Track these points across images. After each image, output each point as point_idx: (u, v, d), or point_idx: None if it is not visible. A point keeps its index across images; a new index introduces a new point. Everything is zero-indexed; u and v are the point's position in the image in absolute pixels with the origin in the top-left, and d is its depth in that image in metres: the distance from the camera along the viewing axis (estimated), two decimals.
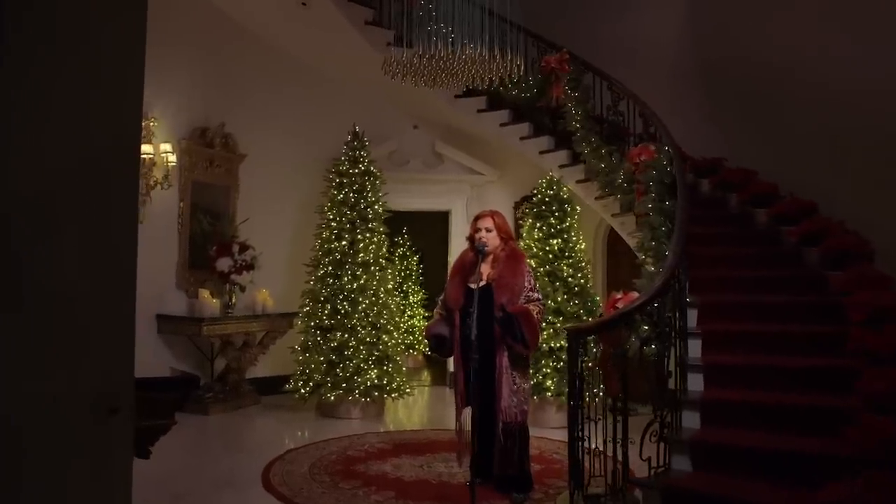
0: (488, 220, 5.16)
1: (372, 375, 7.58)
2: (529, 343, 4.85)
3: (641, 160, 5.92)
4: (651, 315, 4.29)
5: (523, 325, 4.76)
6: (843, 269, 5.52)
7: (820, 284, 5.75)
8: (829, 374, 4.77)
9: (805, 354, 5.10)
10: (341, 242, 7.79)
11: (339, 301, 7.68)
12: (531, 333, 4.81)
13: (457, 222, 9.77)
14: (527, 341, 4.82)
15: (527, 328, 4.77)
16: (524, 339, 4.79)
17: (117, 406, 2.06)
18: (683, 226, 5.01)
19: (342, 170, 7.97)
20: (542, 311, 5.04)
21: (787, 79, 7.24)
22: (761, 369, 4.99)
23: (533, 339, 4.86)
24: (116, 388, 2.08)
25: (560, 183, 7.60)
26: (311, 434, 7.07)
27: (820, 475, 4.05)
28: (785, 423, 4.51)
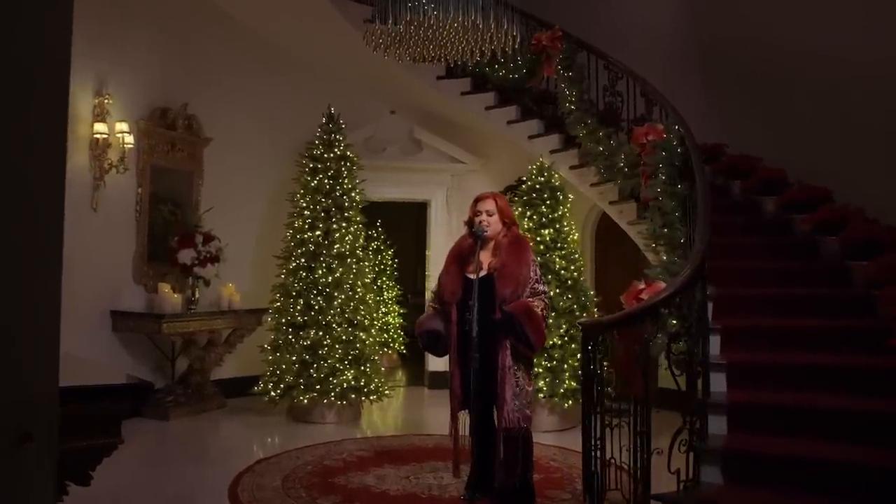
0: (490, 202, 4.56)
1: (348, 376, 6.93)
2: (534, 343, 4.25)
3: (649, 140, 5.37)
4: (679, 308, 3.73)
5: (526, 324, 4.16)
6: (870, 260, 5.04)
7: (842, 276, 5.26)
8: (868, 375, 4.26)
9: (834, 352, 4.60)
10: (315, 233, 7.12)
11: (313, 296, 7.01)
12: (535, 332, 4.21)
13: (436, 213, 9.16)
14: (531, 342, 4.22)
15: (530, 327, 4.18)
16: (528, 339, 4.20)
17: (29, 432, 1.42)
18: (707, 207, 4.46)
19: (316, 154, 7.30)
20: (548, 306, 4.45)
21: (795, 59, 6.75)
22: (788, 368, 4.47)
23: (538, 338, 4.26)
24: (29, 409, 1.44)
25: (551, 169, 7.03)
26: (283, 441, 6.39)
27: (871, 489, 3.54)
28: (824, 429, 3.99)
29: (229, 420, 7.14)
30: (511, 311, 4.19)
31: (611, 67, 6.56)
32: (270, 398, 6.92)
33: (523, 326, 4.17)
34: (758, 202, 6.33)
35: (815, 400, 4.20)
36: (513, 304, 4.24)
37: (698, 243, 4.08)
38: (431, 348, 4.64)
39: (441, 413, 7.82)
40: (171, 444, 6.26)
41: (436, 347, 4.59)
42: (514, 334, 4.14)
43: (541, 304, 4.34)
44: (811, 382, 4.34)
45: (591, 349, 3.88)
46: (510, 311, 4.19)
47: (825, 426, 4.01)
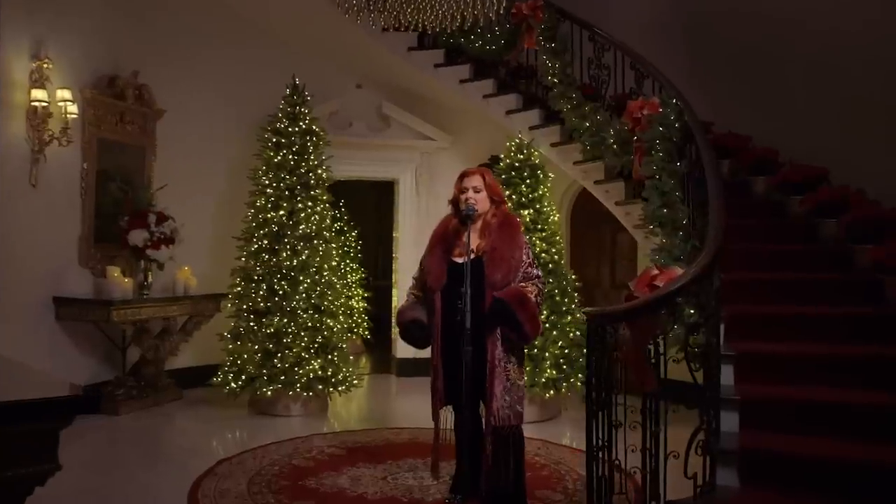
0: (477, 177, 4.09)
1: (315, 366, 6.42)
2: (528, 333, 3.81)
3: (644, 115, 4.95)
4: (698, 296, 3.32)
5: (518, 312, 3.72)
6: (876, 244, 4.72)
7: (844, 260, 4.94)
8: (886, 365, 3.93)
9: (845, 340, 4.27)
10: (278, 212, 6.57)
11: (276, 280, 6.47)
12: (530, 321, 3.77)
13: (405, 193, 8.66)
14: (525, 331, 3.78)
15: (523, 315, 3.73)
16: (521, 328, 3.76)
17: None
18: (720, 185, 4.07)
19: (280, 128, 6.73)
20: (542, 292, 4.01)
21: (786, 32, 6.40)
22: (798, 359, 4.11)
23: (532, 327, 3.82)
24: None
25: (531, 146, 6.59)
26: (246, 437, 5.87)
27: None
28: (845, 426, 3.65)
29: (186, 414, 6.58)
30: (502, 297, 3.75)
31: (596, 39, 6.12)
32: (231, 390, 6.38)
33: (516, 315, 3.73)
34: (748, 182, 5.98)
35: (832, 394, 3.85)
36: (504, 291, 3.80)
37: (714, 224, 3.68)
38: (414, 340, 4.17)
39: (412, 403, 7.39)
40: (121, 442, 5.67)
41: (419, 339, 4.13)
42: (506, 324, 3.70)
43: (534, 290, 3.90)
44: (825, 375, 3.99)
45: (598, 342, 3.44)
46: (502, 297, 3.76)
47: (846, 422, 3.66)
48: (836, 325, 4.36)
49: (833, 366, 4.03)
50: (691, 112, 4.79)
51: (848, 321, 4.37)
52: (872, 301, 4.53)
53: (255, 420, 6.37)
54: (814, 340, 4.26)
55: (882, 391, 3.80)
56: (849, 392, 3.84)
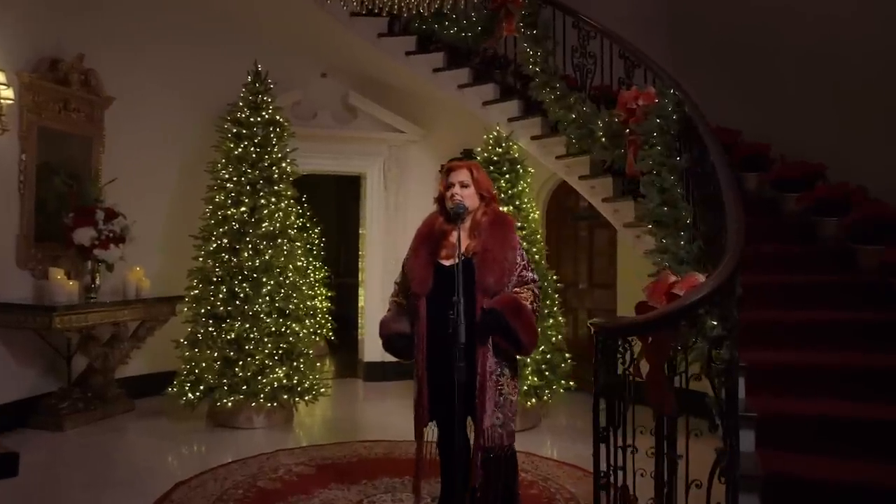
0: (463, 172, 3.63)
1: (279, 374, 5.91)
2: (525, 344, 3.38)
3: (640, 106, 4.56)
4: (721, 306, 2.94)
5: (513, 321, 3.30)
6: (884, 244, 4.42)
7: (847, 262, 4.63)
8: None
9: (858, 348, 3.95)
10: (239, 209, 6.03)
11: (237, 282, 5.94)
12: (526, 331, 3.34)
13: (372, 188, 8.16)
14: (521, 342, 3.36)
15: (519, 325, 3.31)
16: (517, 339, 3.34)
17: None
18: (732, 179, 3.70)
19: (240, 118, 6.18)
20: (539, 297, 3.59)
21: (777, 23, 6.08)
22: (811, 370, 3.79)
23: (529, 338, 3.39)
24: None
25: (510, 139, 6.17)
26: (206, 454, 5.35)
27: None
28: (871, 445, 3.32)
29: (138, 427, 6.01)
30: (496, 306, 3.32)
31: (581, 26, 5.71)
32: (187, 401, 5.84)
33: (510, 325, 3.30)
34: (738, 179, 5.63)
35: (855, 409, 3.53)
36: (497, 299, 3.37)
37: (734, 224, 3.29)
38: (398, 352, 3.72)
39: (383, 411, 6.92)
40: (64, 463, 5.08)
41: (404, 351, 3.68)
42: (500, 335, 3.28)
43: (530, 296, 3.48)
44: (843, 387, 3.67)
45: (607, 358, 3.03)
46: (494, 307, 3.33)
47: (872, 441, 3.33)
48: (848, 332, 4.05)
49: (851, 377, 3.72)
50: (692, 103, 4.42)
51: (861, 327, 4.06)
52: (883, 305, 4.22)
53: (215, 433, 5.84)
54: (827, 349, 3.94)
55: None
56: (873, 407, 3.51)
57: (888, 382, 3.62)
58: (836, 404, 3.55)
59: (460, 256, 3.30)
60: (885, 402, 3.53)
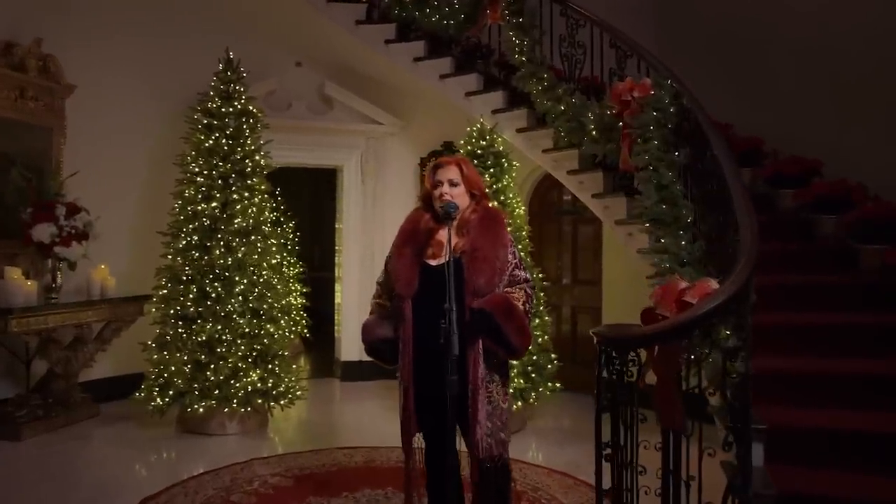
0: (452, 169, 3.35)
1: (253, 378, 5.61)
2: (517, 347, 3.11)
3: (635, 98, 4.31)
4: (736, 315, 2.70)
5: (505, 324, 3.03)
6: (888, 244, 4.23)
7: (849, 261, 4.44)
8: None
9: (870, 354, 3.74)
10: (210, 204, 5.69)
11: (209, 281, 5.61)
12: (518, 334, 3.07)
13: (349, 181, 7.85)
14: (513, 345, 3.10)
15: (511, 327, 3.04)
16: (508, 343, 3.08)
17: None
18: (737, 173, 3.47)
19: (211, 109, 5.83)
20: (532, 297, 3.32)
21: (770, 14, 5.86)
22: (821, 378, 3.57)
23: (521, 340, 3.10)
24: None
25: (493, 132, 5.90)
26: (175, 463, 5.03)
27: None
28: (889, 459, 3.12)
29: (103, 435, 5.66)
30: (485, 306, 3.05)
31: (570, 14, 5.44)
32: (156, 407, 5.51)
33: (501, 328, 3.04)
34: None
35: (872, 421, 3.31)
36: (487, 299, 3.10)
37: (747, 223, 3.05)
38: (383, 358, 3.44)
39: (361, 413, 6.61)
40: (20, 476, 4.71)
41: (389, 357, 3.41)
42: (490, 338, 3.01)
43: (522, 296, 3.21)
44: (856, 396, 3.46)
45: (612, 371, 2.78)
46: (484, 307, 3.06)
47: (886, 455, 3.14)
48: (852, 336, 3.84)
49: (863, 384, 3.51)
50: (691, 95, 4.18)
51: (865, 331, 3.85)
52: (888, 307, 4.02)
53: (185, 440, 5.52)
54: (835, 355, 3.72)
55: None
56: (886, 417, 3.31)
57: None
58: (849, 416, 3.34)
59: (451, 258, 3.03)
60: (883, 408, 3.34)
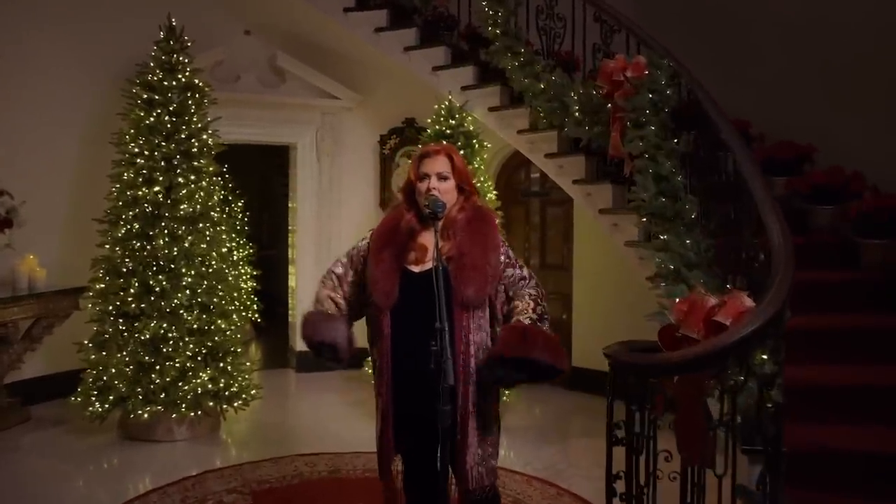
0: (441, 160, 2.86)
1: (203, 378, 5.09)
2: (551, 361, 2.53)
3: (628, 78, 3.90)
4: (774, 337, 2.33)
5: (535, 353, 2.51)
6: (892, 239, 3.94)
7: (850, 257, 4.14)
8: None
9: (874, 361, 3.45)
10: (153, 188, 5.09)
11: (151, 274, 5.04)
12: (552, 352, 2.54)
13: (304, 160, 7.28)
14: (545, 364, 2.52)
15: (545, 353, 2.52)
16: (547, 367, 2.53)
17: None
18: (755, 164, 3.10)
19: (152, 82, 5.20)
20: (541, 296, 2.83)
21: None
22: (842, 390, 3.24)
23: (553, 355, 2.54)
24: None
25: (463, 110, 5.44)
26: (116, 478, 4.49)
27: None
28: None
29: (34, 444, 5.08)
30: (504, 352, 2.54)
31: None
32: (94, 413, 4.95)
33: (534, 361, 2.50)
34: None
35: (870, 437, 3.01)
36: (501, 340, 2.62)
37: (776, 229, 2.68)
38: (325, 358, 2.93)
39: (320, 409, 6.15)
40: None
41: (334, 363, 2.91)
42: (525, 374, 2.54)
43: (530, 304, 2.73)
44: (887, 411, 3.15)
45: (633, 402, 2.39)
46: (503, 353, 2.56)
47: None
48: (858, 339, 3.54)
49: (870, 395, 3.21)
50: (690, 75, 3.79)
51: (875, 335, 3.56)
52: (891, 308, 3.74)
53: (128, 449, 4.98)
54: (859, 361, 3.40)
55: None
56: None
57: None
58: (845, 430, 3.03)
59: (439, 265, 2.56)
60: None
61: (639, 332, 5.79)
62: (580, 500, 4.16)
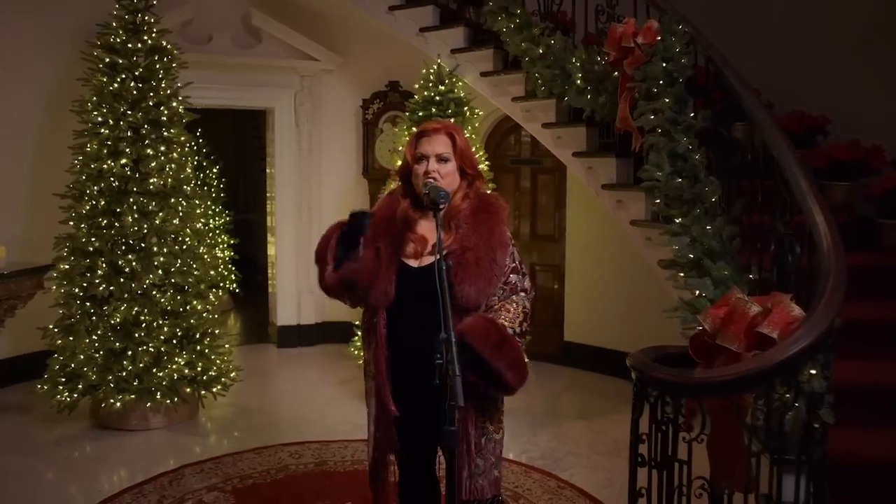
0: (442, 139, 2.51)
1: (179, 362, 4.75)
2: (509, 384, 2.31)
3: (639, 45, 3.53)
4: (825, 351, 2.04)
5: (493, 359, 2.25)
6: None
7: (869, 238, 3.87)
8: None
9: None
10: (119, 161, 4.66)
11: (120, 254, 4.65)
12: (513, 369, 2.29)
13: (281, 125, 6.83)
14: (504, 382, 2.30)
15: (502, 363, 2.27)
16: (500, 379, 2.29)
17: None
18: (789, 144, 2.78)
19: (115, 44, 4.73)
20: (529, 314, 2.57)
21: None
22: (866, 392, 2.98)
23: (516, 376, 2.31)
24: None
25: (454, 76, 5.04)
26: (88, 474, 4.16)
27: None
28: None
29: (0, 434, 4.73)
30: (468, 336, 2.28)
31: None
32: (61, 404, 4.60)
33: (490, 363, 2.28)
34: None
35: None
36: (470, 324, 2.33)
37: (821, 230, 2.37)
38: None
39: (303, 391, 5.79)
40: None
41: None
42: (475, 373, 2.24)
43: (519, 315, 2.46)
44: None
45: (665, 421, 2.10)
46: (466, 336, 2.28)
47: None
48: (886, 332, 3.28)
49: None
50: (709, 42, 3.44)
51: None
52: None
53: (100, 440, 4.65)
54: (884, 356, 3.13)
55: None
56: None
57: None
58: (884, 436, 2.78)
59: (442, 263, 2.23)
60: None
61: (635, 308, 5.61)
62: (583, 493, 3.92)
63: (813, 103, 4.56)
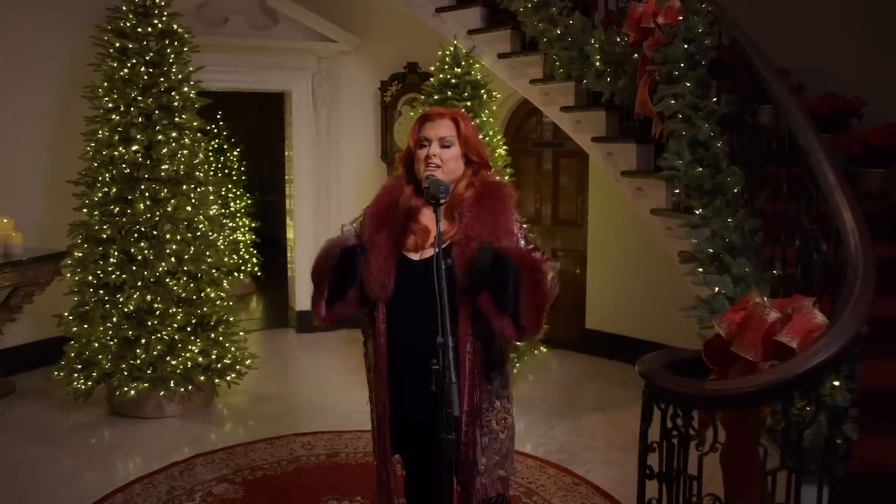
0: (445, 123, 2.36)
1: (193, 351, 4.70)
2: (525, 327, 2.16)
3: (660, 24, 3.34)
4: (850, 360, 1.89)
5: (525, 281, 2.14)
6: None
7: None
8: None
9: None
10: (130, 147, 4.60)
11: (133, 241, 4.60)
12: (535, 305, 2.15)
13: (299, 107, 6.73)
14: (521, 324, 2.14)
15: (531, 293, 2.14)
16: (517, 317, 2.14)
17: None
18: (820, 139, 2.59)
19: (125, 28, 4.65)
20: (557, 283, 2.41)
21: None
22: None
23: (534, 320, 2.17)
24: None
25: (471, 57, 4.88)
26: (102, 461, 4.14)
27: None
28: None
29: (17, 420, 4.73)
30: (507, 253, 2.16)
31: None
32: (77, 392, 4.59)
33: (518, 283, 2.13)
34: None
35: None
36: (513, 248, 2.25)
37: (849, 228, 2.19)
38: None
39: (319, 377, 5.74)
40: None
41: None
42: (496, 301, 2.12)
43: (549, 272, 2.32)
44: None
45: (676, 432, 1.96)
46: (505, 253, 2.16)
47: None
48: None
49: None
50: (733, 22, 3.24)
51: None
52: None
53: (116, 427, 4.64)
54: None
55: None
56: None
57: None
58: None
59: (441, 263, 2.10)
60: None
61: (656, 295, 5.43)
62: (598, 490, 3.80)
63: (848, 85, 4.30)
